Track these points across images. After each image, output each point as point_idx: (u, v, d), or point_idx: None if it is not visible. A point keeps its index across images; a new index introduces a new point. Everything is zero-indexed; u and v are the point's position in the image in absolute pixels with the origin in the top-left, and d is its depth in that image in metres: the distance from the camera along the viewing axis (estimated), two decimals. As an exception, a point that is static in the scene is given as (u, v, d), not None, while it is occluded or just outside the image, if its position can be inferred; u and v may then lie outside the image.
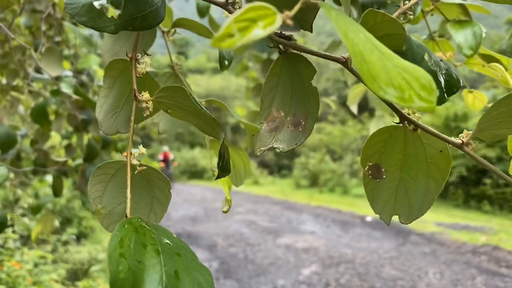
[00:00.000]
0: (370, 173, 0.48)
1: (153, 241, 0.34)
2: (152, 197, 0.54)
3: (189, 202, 12.83)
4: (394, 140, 0.48)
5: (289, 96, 0.51)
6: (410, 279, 5.36)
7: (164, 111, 0.52)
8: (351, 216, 10.60)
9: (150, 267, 0.32)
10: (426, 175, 0.48)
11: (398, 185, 0.48)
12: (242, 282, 5.20)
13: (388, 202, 0.48)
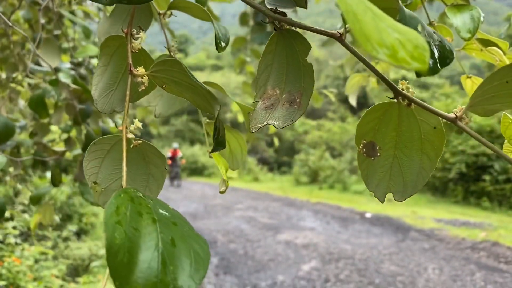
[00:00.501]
0: (364, 151, 0.48)
1: (149, 210, 0.34)
2: (147, 174, 0.53)
3: (189, 198, 12.84)
4: (388, 117, 0.48)
5: (284, 73, 0.51)
6: (410, 274, 5.37)
7: (160, 86, 0.51)
8: (351, 213, 10.61)
9: (146, 234, 0.32)
10: (420, 153, 0.47)
11: (392, 162, 0.47)
12: (242, 278, 5.21)
13: (382, 180, 0.48)
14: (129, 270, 0.29)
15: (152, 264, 0.30)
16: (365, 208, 11.36)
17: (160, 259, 0.31)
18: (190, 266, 0.32)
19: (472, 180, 12.57)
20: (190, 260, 0.32)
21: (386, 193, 0.47)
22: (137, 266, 0.30)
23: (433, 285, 4.97)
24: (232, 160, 0.71)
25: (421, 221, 9.24)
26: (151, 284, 0.29)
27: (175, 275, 0.31)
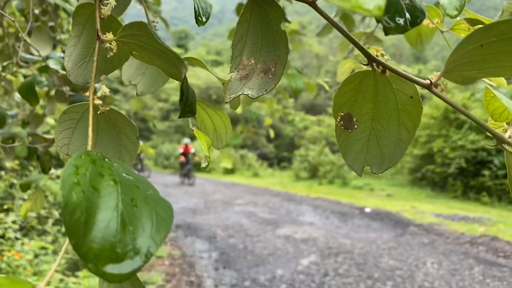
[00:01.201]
0: (341, 123, 0.47)
1: (111, 172, 0.33)
2: (120, 145, 0.52)
3: (189, 194, 12.86)
4: (364, 87, 0.47)
5: (259, 42, 0.51)
6: (408, 269, 5.38)
7: (129, 53, 0.50)
8: (350, 207, 10.63)
9: (106, 195, 0.31)
10: (397, 124, 0.46)
11: (369, 135, 0.47)
12: (241, 272, 5.22)
13: (360, 152, 0.47)
14: (86, 229, 0.29)
15: (110, 224, 0.30)
16: (365, 203, 11.37)
17: (120, 219, 0.30)
18: (151, 227, 0.31)
19: (471, 175, 12.58)
20: (151, 221, 0.31)
21: (363, 166, 0.47)
22: (95, 225, 0.29)
23: (432, 279, 4.98)
24: (217, 139, 0.70)
25: (420, 216, 9.25)
26: (109, 244, 0.29)
27: (134, 235, 0.30)
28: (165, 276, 5.07)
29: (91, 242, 0.28)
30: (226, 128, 0.70)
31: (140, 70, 0.67)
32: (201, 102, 0.69)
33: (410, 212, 9.74)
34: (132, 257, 0.29)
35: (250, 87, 0.50)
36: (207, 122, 0.70)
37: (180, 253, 6.09)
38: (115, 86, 28.72)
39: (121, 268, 0.29)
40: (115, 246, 0.29)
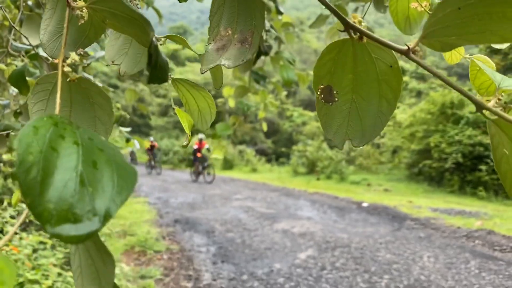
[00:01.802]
0: (322, 97, 0.46)
1: (73, 134, 0.32)
2: (94, 117, 0.51)
3: (188, 189, 12.89)
4: (343, 58, 0.46)
5: (236, 12, 0.50)
6: (405, 262, 5.42)
7: (102, 21, 0.49)
8: (348, 202, 10.67)
9: (65, 155, 0.30)
10: (378, 95, 0.45)
11: (350, 107, 0.46)
12: (239, 266, 5.26)
13: (341, 126, 0.47)
14: (42, 188, 0.28)
15: (69, 184, 0.29)
16: (362, 198, 11.41)
17: (79, 180, 0.29)
18: (112, 189, 0.30)
19: (468, 170, 12.63)
20: (112, 183, 0.30)
21: (345, 140, 0.47)
22: (52, 185, 0.28)
23: (428, 273, 5.02)
24: (201, 120, 0.70)
25: (417, 210, 9.29)
26: (66, 204, 0.28)
27: (93, 197, 0.29)
28: (163, 270, 5.10)
29: (47, 201, 0.28)
30: (210, 109, 0.69)
31: (123, 50, 0.66)
32: (184, 82, 0.67)
33: (407, 206, 9.79)
34: (90, 218, 0.29)
35: (227, 57, 0.49)
36: (192, 103, 0.68)
37: (179, 248, 6.12)
38: (114, 81, 28.66)
39: (78, 229, 0.28)
40: (73, 206, 0.28)
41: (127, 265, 5.18)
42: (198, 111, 0.69)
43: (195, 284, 4.67)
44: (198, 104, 0.68)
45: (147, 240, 6.23)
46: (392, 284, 4.61)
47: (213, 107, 0.69)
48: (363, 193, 12.90)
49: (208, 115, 0.69)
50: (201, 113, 0.69)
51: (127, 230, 6.92)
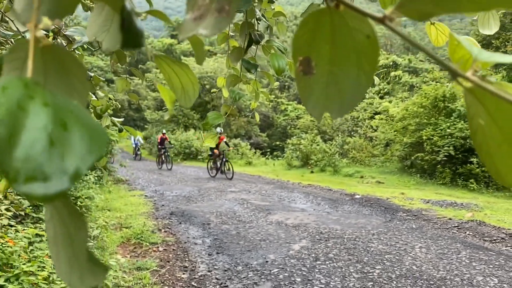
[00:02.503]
0: (301, 69, 0.46)
1: (43, 96, 0.31)
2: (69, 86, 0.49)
3: (184, 182, 12.93)
4: (321, 28, 0.45)
5: None
6: (397, 253, 5.51)
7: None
8: (341, 194, 10.77)
9: (34, 115, 0.30)
10: (356, 67, 0.45)
11: (328, 79, 0.45)
12: (234, 257, 5.33)
13: (319, 98, 0.46)
14: (9, 146, 0.28)
15: (37, 143, 0.29)
16: (355, 190, 11.53)
17: (48, 139, 0.29)
18: (82, 149, 0.30)
19: (459, 163, 12.78)
20: (82, 143, 0.30)
21: (323, 112, 0.46)
22: (20, 144, 0.28)
23: (420, 263, 5.11)
24: (184, 97, 0.68)
25: (409, 202, 9.42)
26: (34, 162, 0.28)
27: (63, 156, 0.29)
28: (159, 262, 5.16)
29: (15, 160, 0.28)
30: (193, 86, 0.68)
31: (105, 27, 0.64)
32: (167, 59, 0.65)
33: (400, 198, 9.91)
34: (59, 177, 0.28)
35: (204, 26, 0.49)
36: (174, 80, 0.67)
37: (174, 240, 6.18)
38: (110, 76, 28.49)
39: (47, 187, 0.28)
40: (41, 165, 0.28)
41: (123, 257, 5.24)
42: (181, 88, 0.68)
43: (191, 275, 4.74)
44: (181, 80, 0.67)
45: (143, 232, 6.29)
46: (385, 274, 4.70)
47: (196, 84, 0.68)
48: (356, 185, 13.02)
49: (192, 92, 0.68)
50: (184, 89, 0.68)
51: (123, 223, 6.98)
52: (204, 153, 22.59)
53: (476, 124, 0.33)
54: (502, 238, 6.30)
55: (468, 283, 4.43)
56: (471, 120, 0.35)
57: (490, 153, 0.32)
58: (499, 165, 0.32)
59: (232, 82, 1.37)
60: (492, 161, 0.32)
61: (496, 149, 0.32)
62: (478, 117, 0.33)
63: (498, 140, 0.31)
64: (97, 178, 8.65)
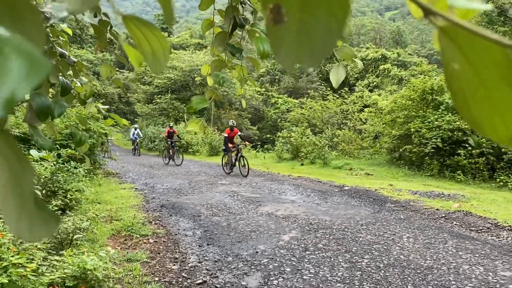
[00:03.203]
0: (271, 17, 0.43)
1: None
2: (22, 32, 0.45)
3: (174, 175, 12.91)
4: None
5: None
6: (385, 243, 5.58)
7: None
8: (330, 186, 10.86)
9: None
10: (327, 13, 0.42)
11: (299, 28, 0.43)
12: (224, 248, 5.36)
13: (291, 48, 0.43)
14: None
15: None
16: (344, 181, 11.63)
17: None
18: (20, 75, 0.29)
19: (447, 155, 12.94)
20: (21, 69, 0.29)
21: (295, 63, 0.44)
22: None
23: (408, 252, 5.18)
24: (155, 62, 0.65)
25: (397, 193, 9.53)
26: None
27: None
28: (149, 254, 5.17)
29: None
30: (164, 51, 0.64)
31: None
32: (136, 20, 0.61)
33: (388, 190, 10.02)
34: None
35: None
36: (144, 44, 0.63)
37: (165, 232, 6.19)
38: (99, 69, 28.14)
39: None
40: None
41: (114, 248, 5.23)
42: (151, 53, 0.64)
43: (181, 266, 4.76)
44: (151, 45, 0.63)
45: (134, 224, 6.29)
46: (373, 264, 4.77)
47: (167, 49, 0.64)
48: (345, 177, 13.13)
49: (162, 57, 0.65)
50: (155, 55, 0.64)
51: (113, 215, 6.97)
52: (195, 146, 22.53)
53: (451, 71, 0.32)
54: (488, 228, 6.42)
55: (455, 272, 4.51)
56: (446, 67, 0.34)
57: (466, 100, 0.32)
58: (475, 112, 0.32)
59: (217, 67, 1.37)
60: (468, 108, 0.32)
61: (472, 95, 0.31)
62: (453, 61, 0.32)
63: (474, 85, 0.31)
64: (87, 171, 8.60)
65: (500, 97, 0.29)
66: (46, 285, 3.51)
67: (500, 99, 0.29)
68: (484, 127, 0.31)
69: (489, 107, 0.30)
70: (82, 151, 1.42)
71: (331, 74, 1.28)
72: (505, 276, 4.42)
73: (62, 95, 1.26)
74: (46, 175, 6.42)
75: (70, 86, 1.30)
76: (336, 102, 25.40)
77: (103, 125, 10.53)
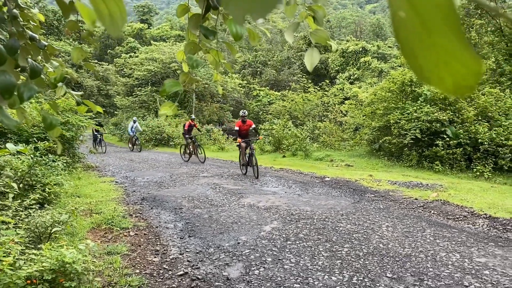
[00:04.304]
0: None
1: None
2: None
3: (155, 168, 12.81)
4: None
5: None
6: (365, 232, 5.66)
7: None
8: (312, 177, 10.94)
9: None
10: None
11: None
12: (206, 240, 5.36)
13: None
14: None
15: None
16: (325, 173, 11.74)
17: None
18: None
19: (425, 145, 13.17)
20: None
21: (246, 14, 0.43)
22: None
23: (387, 241, 5.26)
24: (113, 24, 0.64)
25: (377, 183, 9.66)
26: None
27: None
28: (130, 246, 5.14)
29: None
30: (121, 14, 0.64)
31: None
32: None
33: (368, 180, 10.15)
34: None
35: None
36: (101, 7, 0.63)
37: (146, 224, 6.15)
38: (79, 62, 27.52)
39: None
40: None
41: (94, 242, 5.18)
42: (108, 15, 0.63)
43: (162, 258, 4.74)
44: (108, 7, 0.63)
45: (114, 217, 6.23)
46: (353, 252, 4.83)
47: (124, 12, 0.64)
48: (326, 168, 13.24)
49: (120, 20, 0.64)
50: (112, 17, 0.64)
51: (93, 209, 6.88)
52: (176, 139, 22.39)
53: (398, 20, 0.32)
54: (464, 216, 6.56)
55: (432, 259, 4.61)
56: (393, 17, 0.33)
57: (413, 50, 0.32)
58: (421, 60, 0.31)
59: (191, 50, 1.36)
60: (416, 58, 0.32)
61: (418, 44, 0.31)
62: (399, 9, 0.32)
63: (420, 33, 0.31)
64: (65, 165, 8.46)
65: (444, 44, 0.29)
66: (23, 279, 3.46)
67: (444, 46, 0.29)
68: (432, 77, 0.31)
69: (434, 56, 0.30)
70: (54, 135, 1.39)
71: (305, 57, 1.28)
72: (480, 262, 4.53)
73: (31, 78, 1.24)
74: (23, 168, 6.29)
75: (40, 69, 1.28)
76: (317, 95, 25.54)
77: (81, 118, 10.36)
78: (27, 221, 4.99)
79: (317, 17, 1.41)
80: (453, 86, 0.28)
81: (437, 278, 4.08)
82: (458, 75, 0.29)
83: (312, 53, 1.29)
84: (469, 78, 0.28)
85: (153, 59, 30.10)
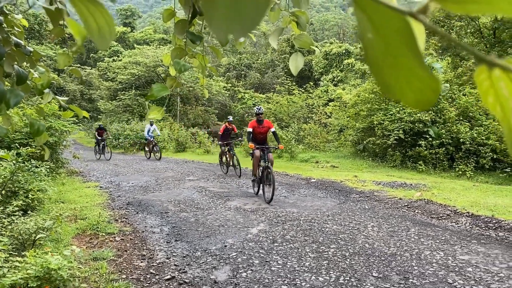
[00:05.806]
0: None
1: None
2: None
3: (140, 172, 12.72)
4: None
5: None
6: (351, 232, 5.72)
7: None
8: (297, 179, 11.00)
9: None
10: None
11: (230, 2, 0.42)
12: (193, 243, 5.34)
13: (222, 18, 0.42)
14: None
15: None
16: (311, 174, 11.82)
17: None
18: None
19: (409, 146, 13.37)
20: None
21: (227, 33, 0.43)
22: None
23: (372, 241, 5.33)
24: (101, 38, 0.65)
25: (362, 184, 9.77)
26: None
27: None
28: (116, 252, 5.10)
29: None
30: (110, 28, 0.64)
31: None
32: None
33: (353, 181, 10.25)
34: None
35: None
36: (90, 21, 0.63)
37: (132, 229, 6.11)
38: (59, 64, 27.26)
39: None
40: None
41: (79, 247, 5.12)
42: (97, 29, 0.64)
43: (149, 263, 4.72)
44: (97, 22, 0.63)
45: (99, 223, 6.18)
46: (339, 253, 4.88)
47: (112, 26, 0.65)
48: (311, 170, 13.32)
49: (108, 34, 0.65)
50: (101, 31, 0.64)
51: (78, 214, 6.81)
52: (161, 143, 22.27)
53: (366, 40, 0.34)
54: (447, 215, 6.68)
55: (417, 258, 4.68)
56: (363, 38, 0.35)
57: (379, 67, 0.34)
58: (387, 77, 0.34)
59: (177, 55, 1.38)
60: (382, 75, 0.34)
61: (383, 62, 0.33)
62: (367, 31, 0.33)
63: (384, 52, 0.33)
64: (49, 170, 8.35)
65: (404, 63, 0.32)
66: (8, 287, 3.42)
67: (405, 65, 0.32)
68: (395, 92, 0.34)
69: (396, 73, 0.33)
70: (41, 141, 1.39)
71: (290, 62, 1.31)
72: (464, 259, 4.63)
73: (18, 84, 1.24)
74: (5, 175, 6.20)
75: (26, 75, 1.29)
76: (301, 97, 25.70)
77: (65, 122, 10.24)
78: (10, 228, 4.91)
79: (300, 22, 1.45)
80: (415, 101, 0.31)
81: (422, 276, 4.15)
82: (418, 91, 0.31)
83: (296, 58, 1.32)
84: (428, 94, 0.31)
85: (136, 63, 29.89)
